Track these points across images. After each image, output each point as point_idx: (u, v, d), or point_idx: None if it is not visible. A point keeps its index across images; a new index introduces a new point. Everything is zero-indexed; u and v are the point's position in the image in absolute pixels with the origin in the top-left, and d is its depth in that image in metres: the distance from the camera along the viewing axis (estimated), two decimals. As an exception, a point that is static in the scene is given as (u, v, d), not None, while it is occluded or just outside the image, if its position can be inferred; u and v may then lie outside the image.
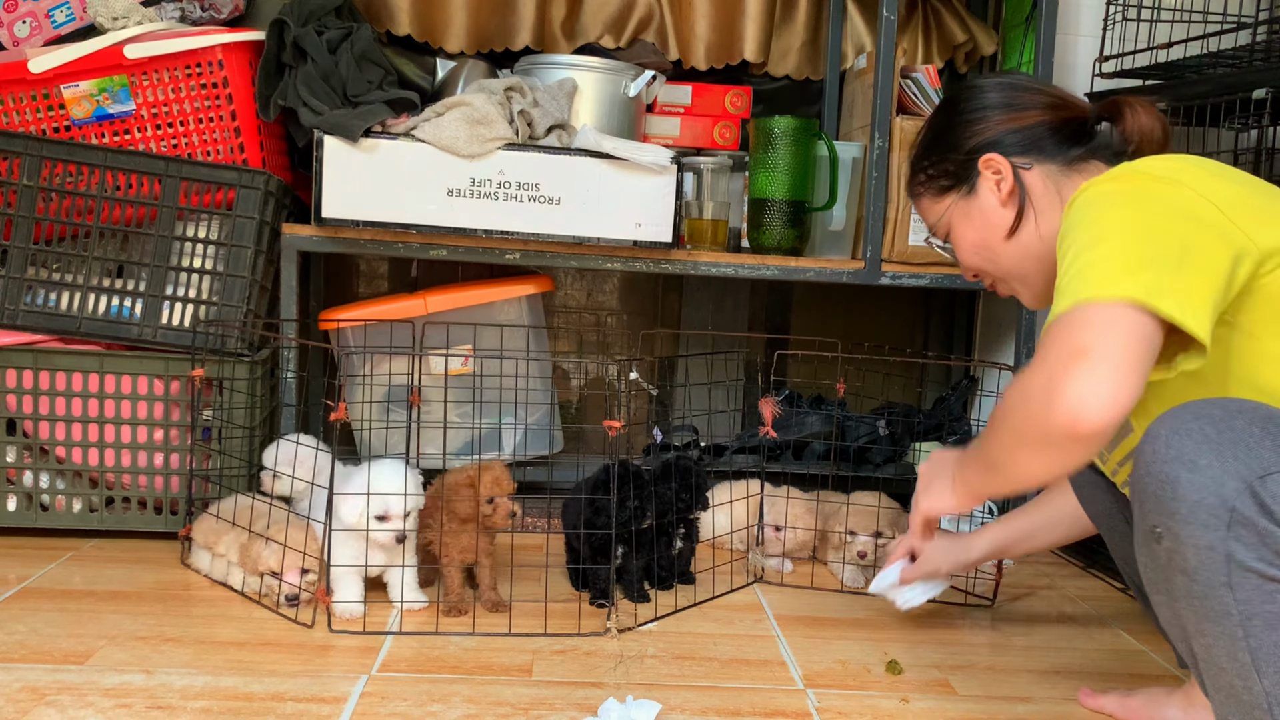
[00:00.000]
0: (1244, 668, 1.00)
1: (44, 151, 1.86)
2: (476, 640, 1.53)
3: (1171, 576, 1.03)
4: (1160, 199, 1.07)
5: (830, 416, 2.24)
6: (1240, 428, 0.98)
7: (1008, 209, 1.30)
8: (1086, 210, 1.10)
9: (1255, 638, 0.99)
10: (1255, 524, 0.96)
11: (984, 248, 1.34)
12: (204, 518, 1.78)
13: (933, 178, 1.37)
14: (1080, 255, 1.05)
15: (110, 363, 1.87)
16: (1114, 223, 1.06)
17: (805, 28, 2.49)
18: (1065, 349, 0.99)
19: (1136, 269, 1.00)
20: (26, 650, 1.42)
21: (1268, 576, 0.96)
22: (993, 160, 1.30)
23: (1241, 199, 1.08)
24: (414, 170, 1.93)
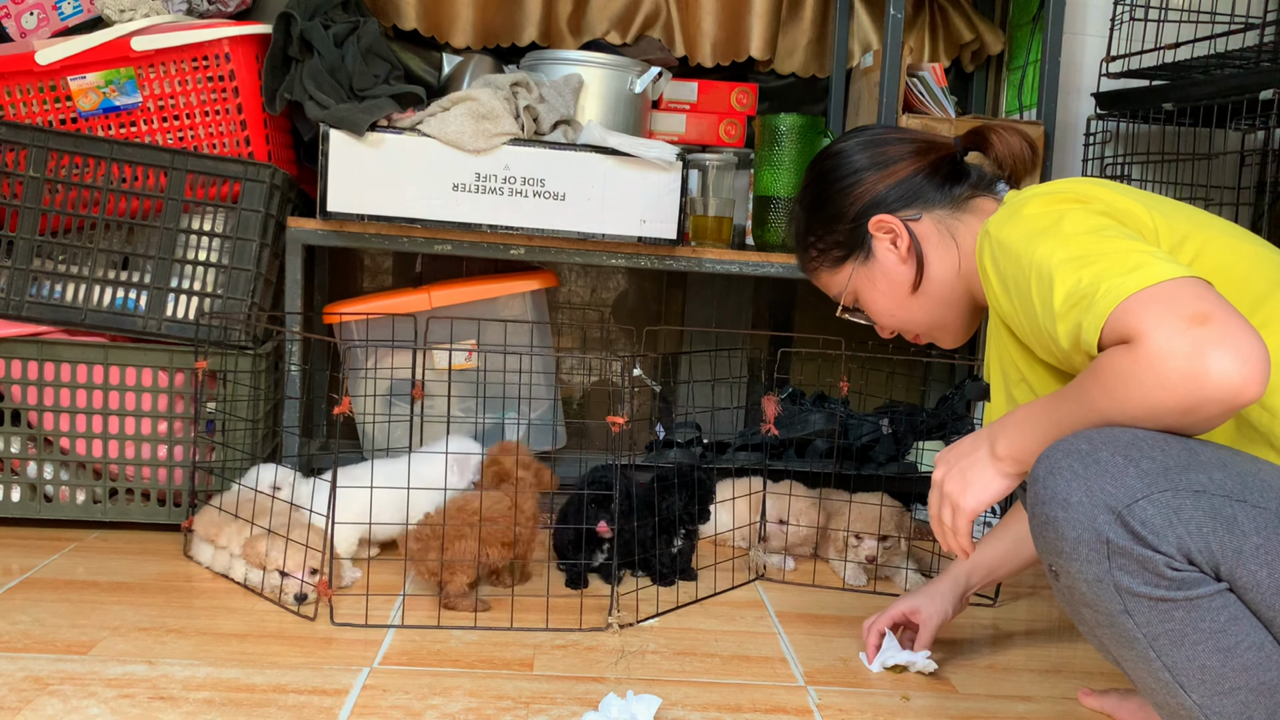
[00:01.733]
0: (1169, 685, 1.02)
1: (50, 143, 1.86)
2: (478, 634, 1.54)
3: (1079, 609, 1.05)
4: (1081, 205, 1.10)
5: (833, 415, 2.24)
6: (1105, 459, 0.98)
7: (908, 265, 1.31)
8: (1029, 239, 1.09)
9: (1167, 656, 1.00)
10: (1131, 551, 0.97)
11: (898, 306, 1.35)
12: (206, 510, 1.79)
13: (824, 251, 1.38)
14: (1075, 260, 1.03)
15: (115, 355, 1.88)
16: (1071, 226, 1.07)
17: (812, 25, 2.49)
18: (1178, 318, 0.93)
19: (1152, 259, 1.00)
20: (30, 640, 1.42)
21: (1156, 598, 0.98)
22: (883, 221, 1.30)
23: (1132, 209, 1.12)
24: (419, 165, 1.93)
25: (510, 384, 2.08)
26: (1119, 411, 0.99)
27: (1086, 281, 1.01)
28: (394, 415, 2.15)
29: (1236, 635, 0.99)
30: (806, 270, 1.44)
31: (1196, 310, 0.93)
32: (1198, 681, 1.01)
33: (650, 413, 2.59)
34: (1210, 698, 1.01)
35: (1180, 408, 0.95)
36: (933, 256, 1.30)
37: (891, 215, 1.30)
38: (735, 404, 2.50)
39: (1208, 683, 1.01)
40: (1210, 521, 0.96)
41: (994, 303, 1.18)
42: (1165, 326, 0.93)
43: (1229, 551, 0.97)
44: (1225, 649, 0.99)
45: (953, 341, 1.37)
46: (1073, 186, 1.15)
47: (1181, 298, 0.95)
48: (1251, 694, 1.00)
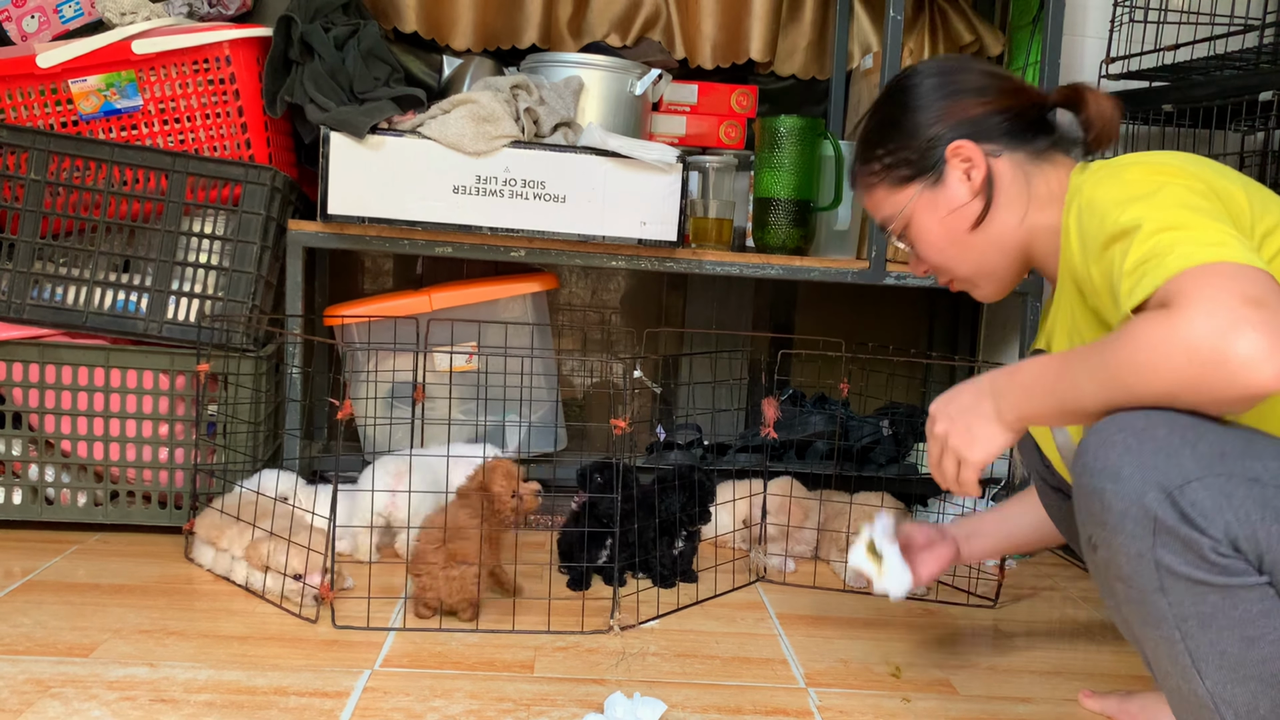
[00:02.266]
0: (1185, 670, 1.02)
1: (51, 146, 1.87)
2: (479, 637, 1.54)
3: (1111, 583, 1.05)
4: (1183, 174, 1.07)
5: (834, 416, 2.24)
6: (1161, 437, 0.98)
7: (976, 200, 1.24)
8: (1114, 194, 1.07)
9: (1191, 639, 1.00)
10: (1178, 531, 0.96)
11: (951, 242, 1.28)
12: (208, 512, 1.79)
13: (890, 167, 1.29)
14: (1163, 228, 1.00)
15: (116, 357, 1.88)
16: (1169, 198, 1.03)
17: (812, 27, 2.49)
18: (1233, 294, 0.91)
19: (1228, 234, 0.98)
20: (31, 643, 1.42)
21: (1196, 580, 0.97)
22: (963, 147, 1.23)
23: (1226, 186, 1.09)
24: (420, 167, 1.93)
25: (511, 386, 2.08)
26: (1135, 378, 0.97)
27: (1164, 245, 0.99)
28: (395, 418, 2.15)
29: (1264, 627, 0.98)
30: (861, 184, 1.34)
31: (1253, 294, 0.91)
32: (1215, 668, 1.00)
33: (651, 414, 2.59)
34: (1223, 685, 1.01)
35: (1198, 381, 0.93)
36: (1002, 199, 1.24)
37: (973, 144, 1.23)
38: (736, 406, 2.50)
39: (1225, 669, 1.00)
40: (1261, 511, 0.96)
41: (1068, 263, 1.15)
42: (1213, 300, 0.92)
43: (1276, 543, 0.96)
44: (1250, 639, 0.99)
45: (991, 293, 1.31)
46: (1176, 161, 1.11)
47: (1244, 279, 0.93)
48: (1262, 685, 1.00)
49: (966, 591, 1.85)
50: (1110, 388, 1.00)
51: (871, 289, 2.47)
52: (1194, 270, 0.95)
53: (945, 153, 1.24)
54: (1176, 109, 2.13)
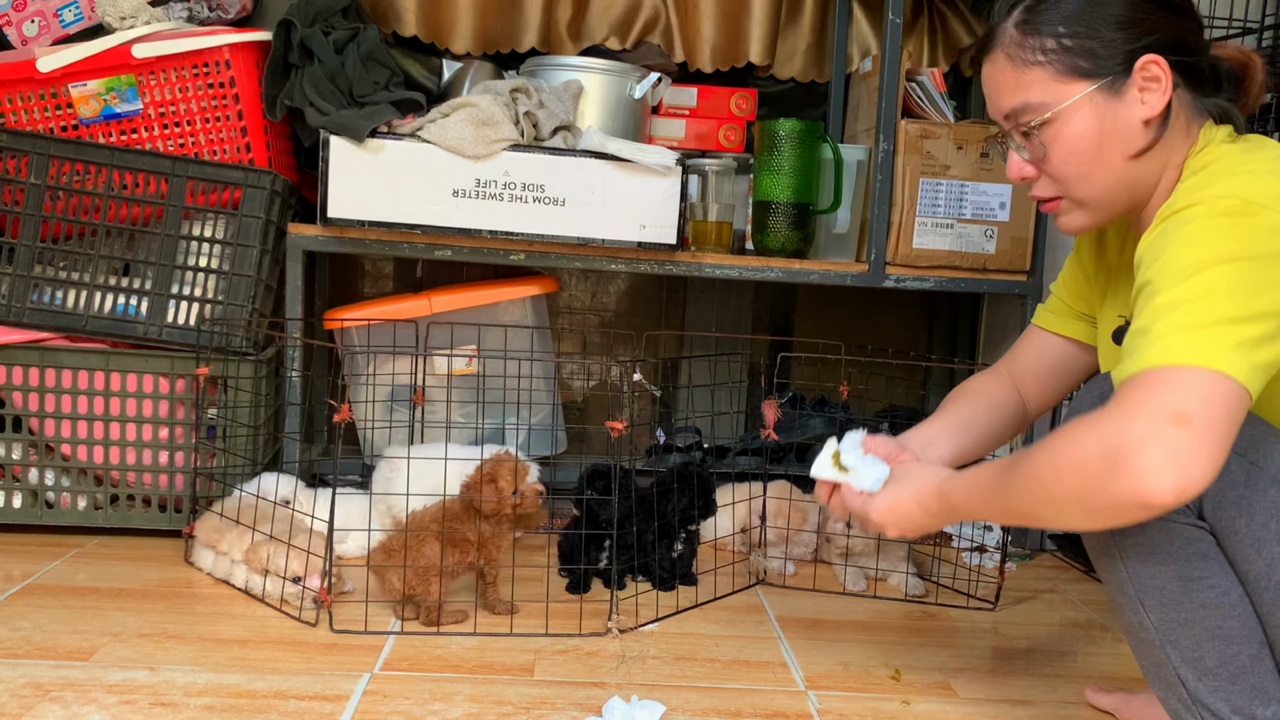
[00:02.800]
0: (1131, 600, 1.09)
1: (51, 150, 1.87)
2: (478, 640, 1.54)
3: None
4: (1266, 244, 0.98)
5: (833, 419, 2.24)
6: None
7: (1148, 129, 1.12)
8: (1189, 246, 0.99)
9: (1132, 567, 1.08)
10: None
11: (1096, 160, 1.14)
12: (207, 516, 1.79)
13: (1067, 51, 1.11)
14: (1179, 304, 0.96)
15: (116, 361, 1.88)
16: (1215, 277, 0.97)
17: (811, 30, 2.50)
18: (1164, 407, 0.91)
19: (1241, 340, 0.94)
20: (31, 646, 1.42)
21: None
22: (1158, 64, 1.09)
23: None
24: (419, 171, 1.94)
25: (510, 389, 2.08)
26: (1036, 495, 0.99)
27: (1160, 329, 0.96)
28: (394, 421, 2.15)
29: (1202, 570, 1.05)
30: (1013, 56, 1.14)
31: (1184, 408, 0.91)
32: (1156, 602, 1.07)
33: (650, 417, 2.59)
34: (1167, 622, 1.07)
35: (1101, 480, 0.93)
36: (1165, 138, 1.12)
37: (1169, 68, 1.09)
38: (735, 408, 2.50)
39: (1165, 605, 1.07)
40: None
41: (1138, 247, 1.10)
42: (1144, 408, 0.92)
43: (1213, 493, 1.03)
44: (1186, 578, 1.05)
45: (1088, 224, 1.20)
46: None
47: (1188, 393, 0.91)
48: (1207, 634, 1.06)
49: (966, 594, 1.85)
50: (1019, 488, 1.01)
51: (871, 292, 2.47)
52: (1154, 373, 0.94)
53: (1138, 64, 1.09)
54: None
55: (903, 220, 2.11)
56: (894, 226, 2.11)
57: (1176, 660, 1.08)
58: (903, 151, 2.09)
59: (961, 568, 1.98)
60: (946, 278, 2.12)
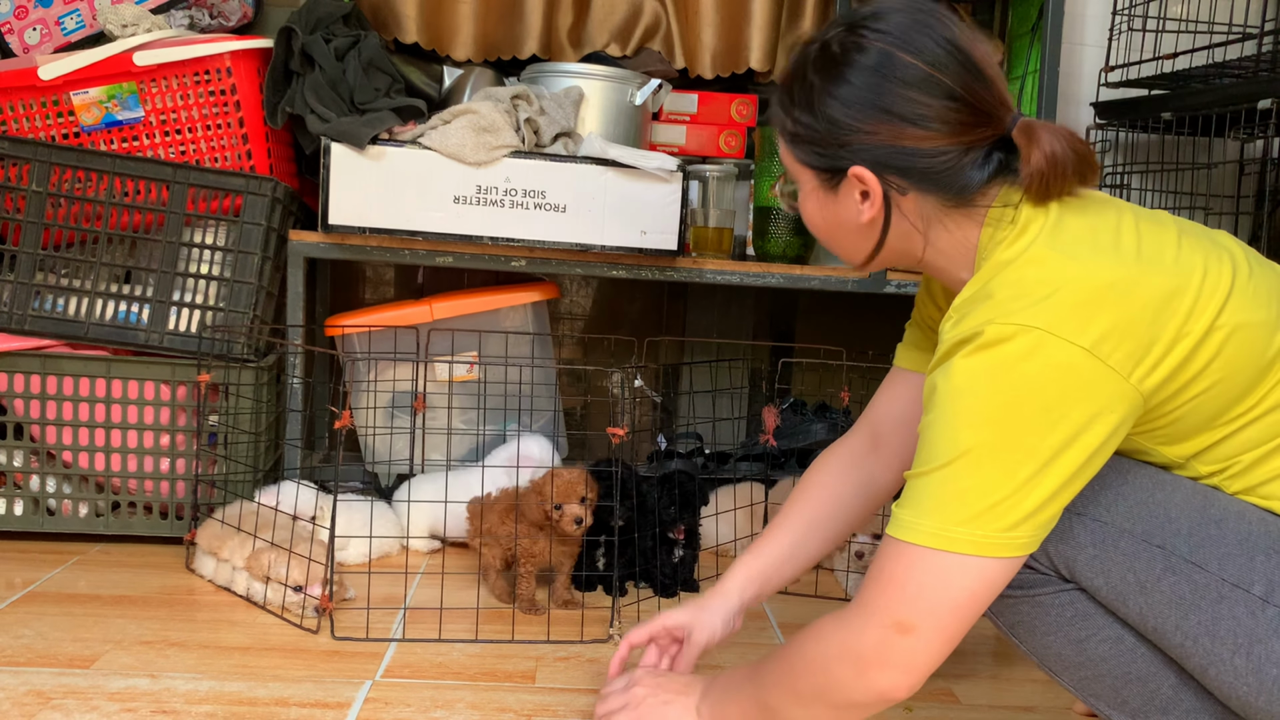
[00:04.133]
0: (1043, 666, 1.10)
1: (53, 158, 1.87)
2: (479, 647, 1.54)
3: None
4: (1028, 381, 0.92)
5: (835, 424, 2.24)
6: None
7: (869, 228, 1.09)
8: (954, 399, 0.95)
9: (1026, 643, 1.10)
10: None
11: (831, 237, 1.16)
12: (209, 523, 1.79)
13: (796, 137, 1.10)
14: (938, 466, 0.95)
15: (117, 368, 1.88)
16: (975, 433, 0.93)
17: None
18: (890, 619, 0.96)
19: (991, 513, 0.93)
20: (32, 654, 1.42)
21: (1002, 595, 1.02)
22: (864, 177, 1.05)
23: (1131, 312, 0.94)
24: (420, 177, 1.94)
25: (511, 395, 2.08)
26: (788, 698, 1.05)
27: (923, 498, 0.96)
28: (395, 427, 2.15)
29: (1087, 629, 1.04)
30: (772, 122, 1.16)
31: (909, 619, 0.95)
32: (1061, 667, 1.08)
33: (651, 423, 2.59)
34: (1080, 682, 1.08)
35: (841, 700, 1.01)
36: (895, 233, 1.09)
37: (877, 177, 1.04)
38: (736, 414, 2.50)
39: (1071, 669, 1.07)
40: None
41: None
42: (874, 617, 0.98)
43: (1064, 560, 1.02)
44: (1078, 640, 1.05)
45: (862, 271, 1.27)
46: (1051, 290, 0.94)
47: (921, 595, 0.95)
48: (1119, 681, 1.05)
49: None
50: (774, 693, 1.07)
51: (872, 297, 2.47)
52: (894, 559, 0.97)
53: (850, 171, 1.05)
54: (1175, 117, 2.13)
55: (903, 226, 2.11)
56: (895, 232, 2.11)
57: (1107, 709, 1.07)
58: (903, 157, 2.09)
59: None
60: (947, 283, 2.12)
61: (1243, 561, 0.96)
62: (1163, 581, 0.98)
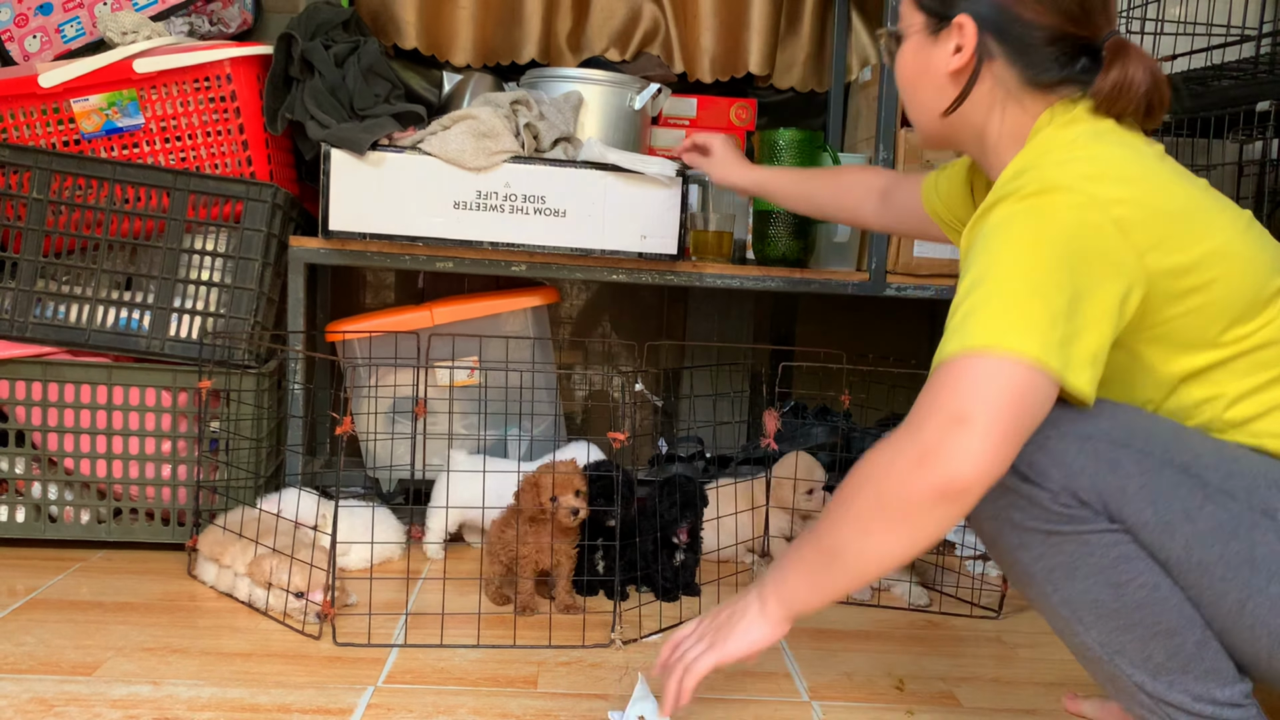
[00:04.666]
0: (1069, 623, 1.10)
1: (54, 165, 1.87)
2: (481, 652, 1.54)
3: (989, 549, 1.13)
4: (1060, 228, 1.03)
5: (835, 428, 2.24)
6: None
7: (953, 82, 1.21)
8: (992, 236, 1.05)
9: (1061, 589, 1.08)
10: (1018, 490, 1.05)
11: (913, 91, 1.26)
12: (210, 529, 1.79)
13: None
14: (975, 289, 1.03)
15: (118, 375, 1.88)
16: (1011, 261, 1.03)
17: (810, 40, 2.50)
18: (946, 414, 0.99)
19: (1029, 321, 0.99)
20: (34, 661, 1.42)
21: (1047, 531, 1.06)
22: (965, 27, 1.17)
23: (1154, 206, 1.05)
24: (420, 183, 1.94)
25: (512, 400, 2.08)
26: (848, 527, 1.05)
27: (973, 313, 1.02)
28: (397, 433, 2.15)
29: (1128, 573, 1.06)
30: None
31: (964, 409, 0.98)
32: (1094, 617, 1.08)
33: (652, 428, 2.59)
34: (1108, 634, 1.08)
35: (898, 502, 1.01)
36: (973, 97, 1.19)
37: (977, 30, 1.16)
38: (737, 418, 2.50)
39: (1104, 617, 1.08)
40: (1094, 463, 1.04)
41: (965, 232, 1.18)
42: (930, 419, 1.00)
43: (1114, 491, 1.04)
44: (1117, 584, 1.06)
45: (920, 140, 1.33)
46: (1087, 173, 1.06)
47: (975, 388, 0.98)
48: (1148, 632, 1.07)
49: (970, 603, 1.85)
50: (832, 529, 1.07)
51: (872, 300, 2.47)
52: (945, 369, 1.01)
53: (955, 18, 1.17)
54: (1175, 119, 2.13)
55: (903, 229, 2.11)
56: (894, 237, 2.12)
57: (1128, 668, 1.09)
58: (903, 160, 2.10)
59: (965, 576, 1.98)
60: (948, 286, 2.13)
61: (1263, 492, 1.04)
62: (1204, 509, 1.03)
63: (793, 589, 1.13)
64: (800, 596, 1.12)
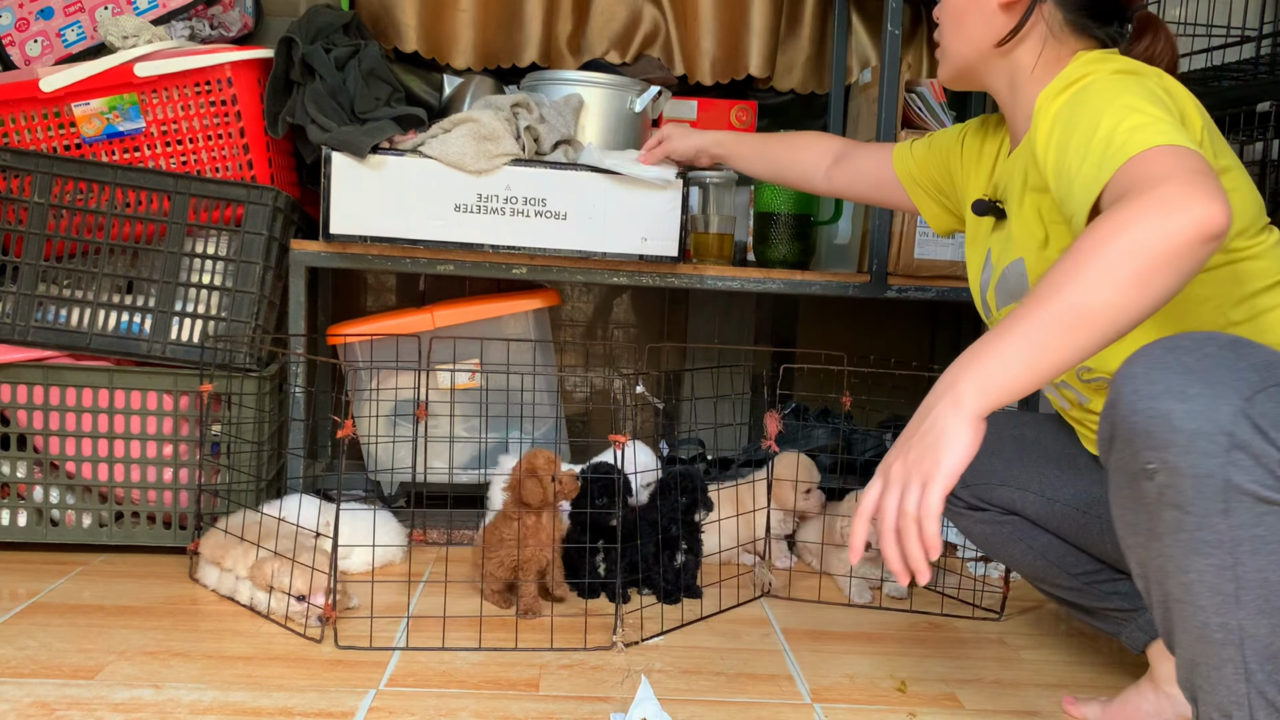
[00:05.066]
0: (1225, 599, 0.98)
1: (55, 169, 1.88)
2: (483, 655, 1.54)
3: (1160, 513, 0.99)
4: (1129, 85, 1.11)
5: (837, 430, 2.24)
6: (1214, 353, 0.96)
7: (1006, 14, 1.27)
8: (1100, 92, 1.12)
9: (1242, 564, 0.96)
10: (1251, 446, 0.93)
11: (959, 23, 1.32)
12: (212, 533, 1.79)
13: None
14: (1122, 121, 1.06)
15: (120, 378, 1.88)
16: (1138, 100, 1.08)
17: (810, 42, 2.51)
18: (1181, 174, 0.97)
19: (1171, 126, 1.05)
20: (36, 665, 1.42)
21: (1262, 499, 0.94)
22: None
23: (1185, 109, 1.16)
24: (421, 186, 1.94)
25: (513, 403, 2.08)
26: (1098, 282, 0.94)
27: (1122, 132, 1.05)
28: (398, 436, 2.15)
29: None
30: None
31: (1198, 165, 0.98)
32: (1256, 596, 0.97)
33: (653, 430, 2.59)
34: (1256, 616, 0.98)
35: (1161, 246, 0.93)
36: (1030, 41, 1.27)
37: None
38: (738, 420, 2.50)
39: (1263, 599, 0.97)
40: None
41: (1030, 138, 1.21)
42: (1174, 175, 0.97)
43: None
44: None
45: (946, 76, 1.38)
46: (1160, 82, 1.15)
47: (1188, 157, 1.00)
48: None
49: (972, 604, 1.85)
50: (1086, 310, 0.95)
51: (873, 302, 2.47)
52: (1139, 158, 1.02)
53: None
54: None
55: (904, 231, 2.11)
56: (895, 237, 2.12)
57: (1251, 654, 0.99)
58: (903, 162, 2.09)
59: (967, 578, 1.98)
60: (949, 288, 2.13)
61: None
62: None
63: (998, 371, 0.96)
64: (1010, 375, 0.96)
